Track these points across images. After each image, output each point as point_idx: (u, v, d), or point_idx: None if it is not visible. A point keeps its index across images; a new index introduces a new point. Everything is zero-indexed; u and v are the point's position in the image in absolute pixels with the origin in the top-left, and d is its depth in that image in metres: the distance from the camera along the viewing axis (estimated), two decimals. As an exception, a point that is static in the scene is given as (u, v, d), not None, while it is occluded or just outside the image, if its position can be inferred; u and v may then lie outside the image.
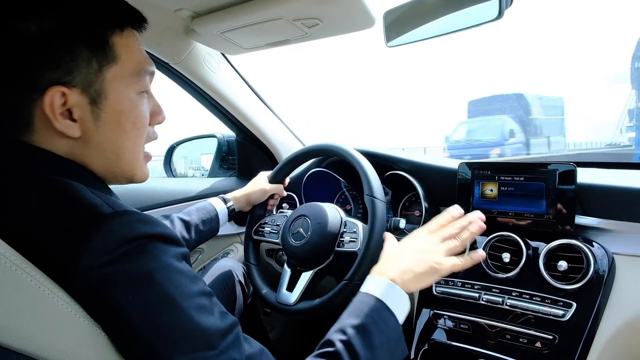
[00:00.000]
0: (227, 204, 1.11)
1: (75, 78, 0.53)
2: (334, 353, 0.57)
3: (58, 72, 0.52)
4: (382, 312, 0.64)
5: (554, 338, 0.82)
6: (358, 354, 0.57)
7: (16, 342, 0.41)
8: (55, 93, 0.52)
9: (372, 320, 0.62)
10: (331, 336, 0.60)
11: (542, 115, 13.80)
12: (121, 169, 0.60)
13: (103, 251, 0.46)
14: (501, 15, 0.76)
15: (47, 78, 0.51)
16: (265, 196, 1.17)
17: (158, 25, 1.04)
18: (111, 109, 0.56)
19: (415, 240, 0.75)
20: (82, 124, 0.55)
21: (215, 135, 1.69)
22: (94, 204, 0.50)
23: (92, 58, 0.54)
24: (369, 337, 0.60)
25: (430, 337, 0.96)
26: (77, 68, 0.53)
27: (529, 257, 0.89)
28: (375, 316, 0.63)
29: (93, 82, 0.54)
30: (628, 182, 0.88)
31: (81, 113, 0.55)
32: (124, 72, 0.57)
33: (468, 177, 1.03)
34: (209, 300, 0.53)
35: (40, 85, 0.51)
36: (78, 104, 0.54)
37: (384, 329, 0.62)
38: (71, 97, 0.53)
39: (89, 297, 0.46)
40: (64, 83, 0.52)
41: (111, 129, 0.57)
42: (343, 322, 0.62)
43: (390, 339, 0.63)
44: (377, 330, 0.61)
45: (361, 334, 0.60)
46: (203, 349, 0.49)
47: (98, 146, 0.57)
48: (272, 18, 0.91)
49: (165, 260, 0.49)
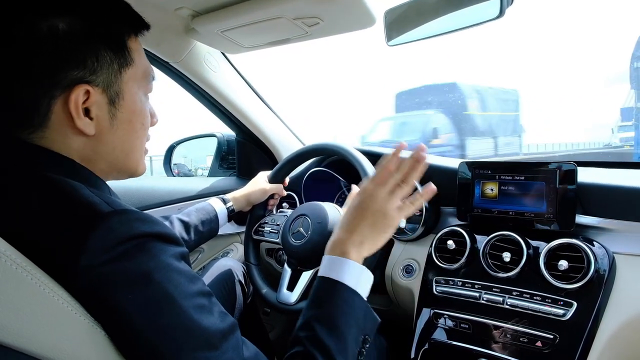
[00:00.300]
0: (227, 205, 1.11)
1: (98, 78, 0.55)
2: (303, 353, 0.57)
3: (84, 71, 0.54)
4: (343, 293, 0.62)
5: (554, 337, 0.82)
6: (327, 346, 0.56)
7: (16, 340, 0.41)
8: (81, 91, 0.54)
9: (335, 306, 0.61)
10: (298, 333, 0.60)
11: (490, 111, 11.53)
12: (127, 166, 0.63)
13: (102, 249, 0.46)
14: (502, 14, 0.76)
15: (72, 76, 0.53)
16: (265, 196, 1.17)
17: (158, 24, 1.04)
18: (126, 109, 0.59)
19: (365, 202, 0.69)
20: (97, 122, 0.57)
21: (215, 135, 1.69)
22: (93, 203, 0.50)
23: (114, 60, 0.57)
24: (335, 324, 0.59)
25: (431, 337, 0.96)
26: (101, 68, 0.55)
27: (529, 257, 0.89)
28: (337, 300, 0.61)
29: (113, 83, 0.57)
30: (629, 182, 0.89)
31: (99, 112, 0.56)
32: (137, 75, 0.60)
33: (468, 177, 1.03)
34: (208, 300, 0.53)
35: (65, 82, 0.53)
36: (97, 102, 0.56)
37: (348, 311, 0.61)
38: (93, 95, 0.55)
39: (89, 296, 0.46)
40: (89, 82, 0.54)
41: (124, 128, 0.60)
42: (307, 315, 0.61)
43: (357, 317, 0.61)
44: (342, 314, 0.60)
45: (326, 325, 0.59)
46: (203, 348, 0.49)
47: (109, 144, 0.59)
48: (273, 17, 0.91)
49: (164, 259, 0.49)
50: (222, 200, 1.11)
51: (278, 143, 1.51)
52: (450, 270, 0.98)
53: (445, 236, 1.02)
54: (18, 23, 0.51)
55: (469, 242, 0.97)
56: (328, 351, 0.56)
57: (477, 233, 1.00)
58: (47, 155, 0.54)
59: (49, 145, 0.55)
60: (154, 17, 0.99)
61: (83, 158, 0.57)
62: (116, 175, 0.63)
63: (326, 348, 0.56)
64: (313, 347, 0.57)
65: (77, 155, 0.57)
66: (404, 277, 1.07)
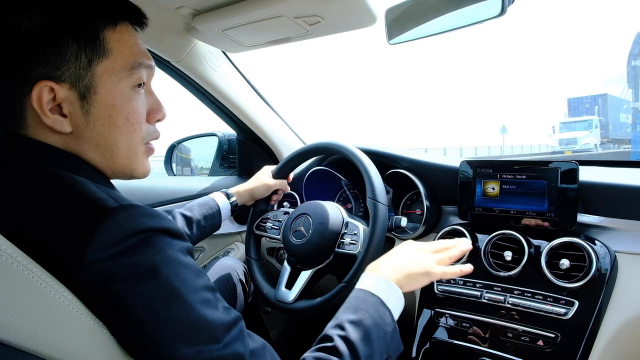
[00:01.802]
0: (230, 199, 1.11)
1: (64, 73, 0.53)
2: (332, 348, 0.57)
3: (47, 66, 0.52)
4: (378, 307, 0.65)
5: (556, 336, 0.81)
6: (356, 348, 0.58)
7: (19, 339, 0.41)
8: (43, 88, 0.52)
9: (368, 315, 0.62)
10: (329, 331, 0.61)
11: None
12: (118, 164, 0.60)
13: (109, 244, 0.46)
14: (504, 12, 0.76)
15: (36, 73, 0.52)
16: (269, 191, 1.17)
17: (159, 23, 1.04)
18: (101, 104, 0.56)
19: (407, 247, 0.78)
20: (72, 119, 0.55)
21: (216, 134, 1.69)
22: (99, 198, 0.50)
23: (81, 52, 0.54)
24: (366, 331, 0.60)
25: (432, 336, 0.96)
26: (66, 62, 0.53)
27: (530, 256, 0.89)
28: (371, 311, 0.63)
29: (82, 77, 0.54)
30: (630, 181, 0.88)
31: (71, 108, 0.55)
32: (115, 67, 0.57)
33: (470, 176, 1.02)
34: (213, 294, 0.53)
35: (30, 80, 0.52)
36: (67, 99, 0.54)
37: (380, 324, 0.63)
38: (60, 92, 0.53)
39: (95, 291, 0.46)
40: (53, 78, 0.52)
41: (102, 124, 0.57)
42: (340, 318, 0.63)
43: (386, 333, 0.63)
44: (374, 325, 0.62)
45: (358, 329, 0.60)
46: (208, 342, 0.49)
47: (91, 141, 0.57)
48: (274, 16, 0.91)
49: (170, 254, 0.50)
50: (225, 195, 1.11)
51: (279, 142, 1.51)
52: (451, 269, 0.98)
53: (447, 235, 1.02)
54: None
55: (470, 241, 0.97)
56: (356, 353, 0.57)
57: (479, 232, 0.99)
58: (50, 151, 0.54)
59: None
60: (155, 15, 0.99)
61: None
62: (112, 175, 0.61)
63: (355, 350, 0.58)
64: (343, 345, 0.58)
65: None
66: (405, 276, 1.07)
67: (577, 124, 22.98)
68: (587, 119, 23.12)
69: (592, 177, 0.92)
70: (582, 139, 21.38)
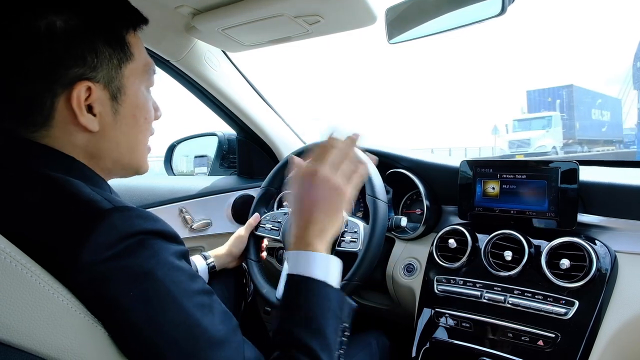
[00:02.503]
0: (207, 261, 1.07)
1: (99, 74, 0.55)
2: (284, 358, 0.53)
3: (84, 67, 0.54)
4: (315, 288, 0.59)
5: (556, 336, 0.81)
6: (309, 346, 0.53)
7: (16, 338, 0.41)
8: (82, 87, 0.54)
9: (309, 302, 0.57)
10: (275, 338, 0.56)
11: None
12: (132, 162, 0.63)
13: (104, 246, 0.46)
14: (504, 11, 0.75)
15: (72, 73, 0.53)
16: (243, 241, 1.13)
17: (159, 22, 1.04)
18: (128, 104, 0.59)
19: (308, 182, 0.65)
20: (101, 118, 0.57)
21: (216, 134, 1.69)
22: (94, 200, 0.50)
23: (113, 55, 0.57)
24: (312, 321, 0.56)
25: (432, 336, 0.96)
26: (101, 64, 0.55)
27: (531, 255, 0.89)
28: (310, 297, 0.58)
29: (114, 78, 0.57)
30: (631, 180, 0.88)
31: (102, 108, 0.56)
32: (138, 69, 0.60)
33: (469, 175, 1.02)
34: (209, 298, 0.52)
35: (66, 80, 0.53)
36: (100, 98, 0.56)
37: (323, 305, 0.57)
38: (95, 92, 0.55)
39: (90, 292, 0.46)
40: (89, 78, 0.54)
41: (127, 123, 0.60)
42: (281, 317, 0.58)
43: (333, 309, 0.58)
44: (317, 309, 0.57)
45: (303, 323, 0.55)
46: (204, 347, 0.49)
47: (113, 140, 0.59)
48: (273, 15, 0.91)
49: (165, 257, 0.49)
50: (203, 257, 1.08)
51: (279, 142, 1.50)
52: (451, 269, 0.98)
53: (447, 235, 1.02)
54: (15, 22, 0.51)
55: (470, 241, 0.97)
56: (311, 350, 0.53)
57: (479, 232, 0.99)
58: (48, 154, 0.54)
59: (52, 143, 0.55)
60: (155, 15, 0.98)
61: (88, 155, 0.57)
62: (120, 173, 0.63)
63: (308, 348, 0.53)
64: (295, 349, 0.53)
65: (82, 152, 0.57)
66: (405, 276, 1.07)
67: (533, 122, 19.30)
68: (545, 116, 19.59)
69: (592, 176, 0.92)
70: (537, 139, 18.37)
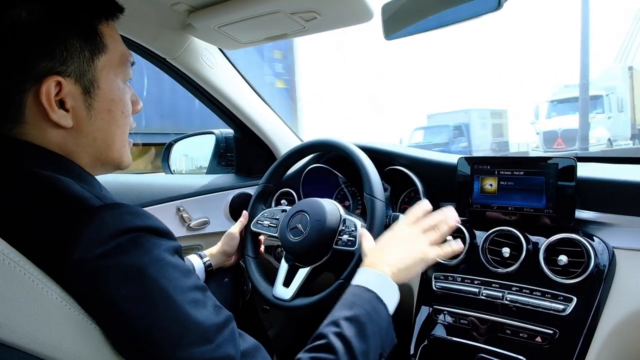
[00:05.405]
0: (203, 259, 1.07)
1: (69, 67, 0.53)
2: (327, 345, 0.57)
3: (53, 61, 0.52)
4: (374, 302, 0.65)
5: (554, 333, 0.81)
6: (351, 344, 0.57)
7: (9, 336, 0.40)
8: (51, 82, 0.52)
9: (364, 312, 0.62)
10: (324, 329, 0.60)
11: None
12: (110, 157, 0.61)
13: (96, 243, 0.46)
14: (500, 6, 0.75)
15: (41, 67, 0.52)
16: (235, 238, 1.12)
17: (154, 19, 1.03)
18: (103, 98, 0.57)
19: (398, 233, 0.77)
20: (74, 113, 0.55)
21: (213, 132, 1.68)
22: (84, 197, 0.50)
23: (85, 48, 0.54)
24: (362, 327, 0.60)
25: (430, 333, 0.95)
26: (71, 57, 0.53)
27: (529, 252, 0.89)
28: (367, 307, 0.63)
29: (86, 72, 0.55)
30: (628, 176, 0.88)
31: (74, 103, 0.55)
32: (112, 62, 0.58)
33: (467, 172, 1.02)
34: (202, 294, 0.52)
35: (34, 74, 0.51)
36: (71, 93, 0.54)
37: (375, 319, 0.62)
38: (66, 86, 0.53)
39: (82, 289, 0.46)
40: (59, 72, 0.53)
41: (102, 117, 0.58)
42: (335, 315, 0.62)
43: (381, 328, 0.63)
44: (369, 320, 0.62)
45: (354, 325, 0.60)
46: (198, 343, 0.48)
47: (90, 135, 0.57)
48: (270, 12, 0.91)
49: (157, 254, 0.49)
50: (199, 256, 1.08)
51: (276, 140, 1.50)
52: (449, 266, 0.97)
53: (445, 232, 1.02)
54: None
55: (468, 238, 0.97)
56: (352, 349, 0.57)
57: (477, 228, 0.99)
58: (34, 151, 0.53)
59: (30, 140, 0.53)
60: (150, 12, 0.99)
61: (65, 152, 0.56)
62: (101, 169, 0.62)
63: (350, 346, 0.57)
64: (339, 341, 0.57)
65: (59, 149, 0.55)
66: (403, 274, 1.07)
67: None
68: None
69: (590, 173, 0.91)
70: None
